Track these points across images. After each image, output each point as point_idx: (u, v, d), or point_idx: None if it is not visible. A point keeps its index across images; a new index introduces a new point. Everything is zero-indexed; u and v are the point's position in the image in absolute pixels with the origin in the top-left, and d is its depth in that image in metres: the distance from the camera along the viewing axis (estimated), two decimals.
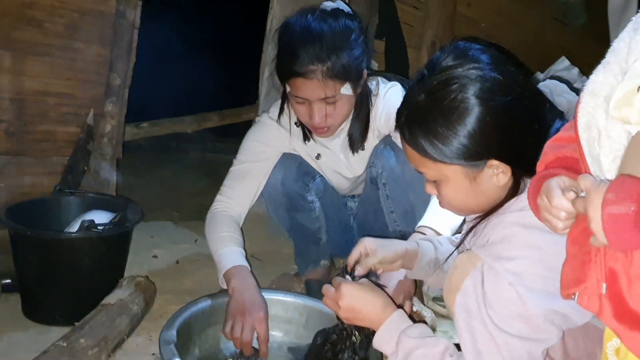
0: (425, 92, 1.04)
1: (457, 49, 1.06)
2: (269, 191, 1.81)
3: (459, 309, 1.04)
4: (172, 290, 1.87)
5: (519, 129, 1.03)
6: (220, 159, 3.43)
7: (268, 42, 2.32)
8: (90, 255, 1.67)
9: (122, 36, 2.17)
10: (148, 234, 2.29)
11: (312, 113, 1.62)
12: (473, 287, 1.03)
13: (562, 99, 1.19)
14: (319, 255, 1.92)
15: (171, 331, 1.36)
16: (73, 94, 2.16)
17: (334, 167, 1.86)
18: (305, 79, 1.56)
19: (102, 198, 1.98)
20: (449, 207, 1.15)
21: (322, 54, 1.54)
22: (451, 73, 1.02)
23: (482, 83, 1.00)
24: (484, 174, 1.05)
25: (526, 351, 0.99)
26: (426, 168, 1.08)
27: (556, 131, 1.05)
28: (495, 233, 1.04)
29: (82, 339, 1.38)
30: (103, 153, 2.23)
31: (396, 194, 1.73)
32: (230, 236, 1.66)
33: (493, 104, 1.00)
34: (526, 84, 1.07)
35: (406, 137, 1.07)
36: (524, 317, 0.98)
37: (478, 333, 1.01)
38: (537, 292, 0.98)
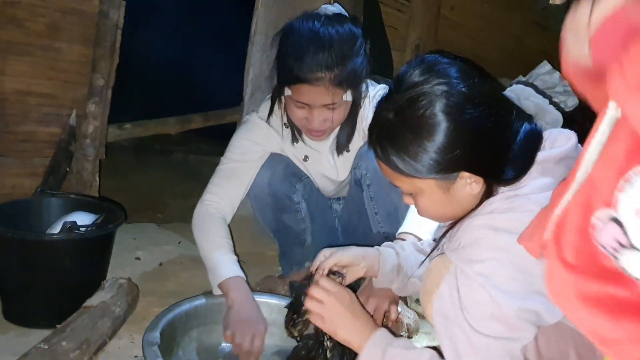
0: (394, 110, 1.05)
1: (424, 64, 1.07)
2: (255, 191, 1.81)
3: (436, 314, 1.06)
4: (155, 292, 1.86)
5: (488, 141, 1.05)
6: (204, 161, 3.43)
7: (253, 44, 2.32)
8: (72, 257, 1.65)
9: (105, 36, 2.16)
10: (131, 235, 2.27)
11: (311, 118, 1.62)
12: (449, 292, 1.04)
13: (529, 103, 1.21)
14: (304, 257, 1.92)
15: (154, 333, 1.35)
16: (55, 94, 2.15)
17: (321, 169, 1.86)
18: (311, 86, 1.55)
19: (85, 199, 1.96)
20: (426, 216, 1.17)
21: (330, 62, 1.53)
22: (419, 90, 1.03)
23: (450, 98, 1.02)
24: (457, 185, 1.07)
25: (505, 351, 1.00)
26: (401, 182, 1.10)
27: (524, 135, 1.07)
28: (465, 237, 1.06)
29: (63, 342, 1.36)
30: (85, 154, 2.22)
31: (380, 195, 1.74)
32: (225, 242, 1.66)
33: (461, 119, 1.02)
34: (493, 94, 1.08)
35: (379, 154, 1.09)
36: (498, 318, 1.00)
37: (457, 338, 1.02)
38: (508, 293, 0.99)
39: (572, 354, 1.08)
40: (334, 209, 2.01)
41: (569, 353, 1.08)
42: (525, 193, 1.04)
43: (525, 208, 1.01)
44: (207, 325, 1.55)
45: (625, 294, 0.72)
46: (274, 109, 1.77)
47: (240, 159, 1.77)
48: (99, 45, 2.17)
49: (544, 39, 3.58)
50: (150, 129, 2.80)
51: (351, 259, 1.33)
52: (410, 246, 1.41)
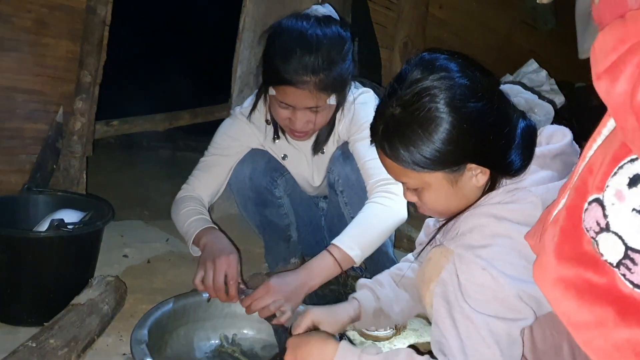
0: (400, 106, 1.06)
1: (424, 61, 1.09)
2: (237, 186, 1.82)
3: (437, 297, 1.07)
4: (143, 289, 1.85)
5: (494, 131, 1.07)
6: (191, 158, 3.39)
7: (241, 41, 2.32)
8: (59, 254, 1.64)
9: (92, 32, 2.15)
10: (119, 233, 2.26)
11: (294, 119, 1.62)
12: (450, 279, 1.06)
13: (520, 99, 1.23)
14: (290, 253, 1.93)
15: (143, 331, 1.35)
16: (42, 91, 2.13)
17: (299, 170, 1.87)
18: (295, 88, 1.55)
19: (72, 197, 1.95)
20: (430, 212, 1.17)
21: (316, 66, 1.53)
22: (423, 84, 1.05)
23: (454, 91, 1.04)
24: (464, 177, 1.09)
25: (505, 331, 1.02)
26: (408, 178, 1.11)
27: (522, 131, 1.09)
28: (465, 225, 1.07)
29: (51, 339, 1.36)
30: (73, 151, 2.21)
31: (354, 200, 1.75)
32: (193, 210, 1.69)
33: (466, 111, 1.04)
34: (493, 88, 1.10)
35: (386, 150, 1.09)
36: (500, 299, 1.01)
37: (457, 321, 1.04)
38: (509, 275, 1.01)
39: (565, 347, 1.10)
40: (320, 206, 2.02)
41: (562, 346, 1.10)
42: (526, 186, 1.06)
43: (526, 200, 1.03)
44: (195, 323, 1.55)
45: (601, 281, 0.73)
46: (257, 105, 1.78)
47: (218, 154, 1.79)
48: (86, 42, 2.15)
49: (532, 37, 3.61)
50: (138, 125, 2.79)
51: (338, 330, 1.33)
52: (387, 279, 1.41)
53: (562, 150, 1.11)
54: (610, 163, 0.74)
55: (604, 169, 0.75)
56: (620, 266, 0.72)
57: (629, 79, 0.64)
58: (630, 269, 0.71)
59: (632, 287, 0.71)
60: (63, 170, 2.22)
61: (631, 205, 0.71)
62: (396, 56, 2.92)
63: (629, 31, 0.66)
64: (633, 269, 0.70)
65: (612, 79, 0.67)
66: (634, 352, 0.71)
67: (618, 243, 0.72)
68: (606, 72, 0.67)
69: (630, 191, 0.71)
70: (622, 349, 0.72)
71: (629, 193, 0.71)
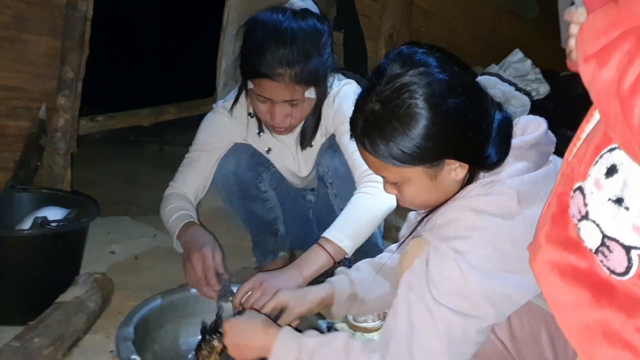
0: (380, 102, 1.06)
1: (403, 55, 1.09)
2: (222, 181, 1.81)
3: (402, 284, 1.08)
4: (130, 286, 1.84)
5: (472, 126, 1.07)
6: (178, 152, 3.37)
7: (225, 34, 2.30)
8: (44, 252, 1.63)
9: (73, 28, 2.12)
10: (105, 229, 2.25)
11: (273, 113, 1.62)
12: (419, 267, 1.06)
13: (497, 91, 1.24)
14: (278, 247, 1.92)
15: (129, 328, 1.34)
16: (23, 87, 2.11)
17: (284, 163, 1.86)
18: (271, 81, 1.55)
19: (56, 194, 1.93)
20: (410, 205, 1.18)
21: (291, 59, 1.53)
22: (402, 80, 1.05)
23: (433, 87, 1.03)
24: (443, 171, 1.09)
25: (461, 327, 1.02)
26: (388, 172, 1.11)
27: (499, 124, 1.10)
28: (442, 217, 1.08)
29: (36, 339, 1.35)
30: (56, 148, 2.19)
31: (343, 192, 1.74)
32: (176, 206, 1.70)
33: (445, 107, 1.04)
34: (472, 83, 1.11)
35: (366, 146, 1.09)
36: (464, 294, 1.01)
37: (414, 307, 1.04)
38: (480, 271, 1.01)
39: (543, 333, 1.11)
40: (308, 199, 2.02)
41: (540, 333, 1.11)
42: (501, 178, 1.06)
43: (502, 192, 1.04)
44: (183, 319, 1.54)
45: (582, 265, 0.76)
46: (239, 99, 1.77)
47: (202, 149, 1.79)
48: (67, 37, 2.13)
49: (517, 27, 3.61)
50: (123, 120, 2.76)
51: (308, 311, 1.34)
52: (366, 266, 1.41)
53: (537, 141, 1.11)
54: (593, 152, 0.76)
55: (588, 157, 0.76)
56: (598, 253, 0.74)
57: (618, 64, 0.64)
58: (607, 255, 0.73)
59: (608, 272, 0.73)
60: (47, 168, 2.20)
61: (607, 194, 0.72)
62: (382, 47, 2.90)
63: (622, 16, 0.66)
64: (609, 256, 0.73)
65: (600, 64, 0.66)
66: (603, 332, 0.74)
67: (596, 231, 0.74)
68: (595, 56, 0.67)
69: (607, 181, 0.72)
70: (593, 328, 0.75)
71: (605, 183, 0.72)
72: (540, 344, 1.12)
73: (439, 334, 1.02)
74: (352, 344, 1.10)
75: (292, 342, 1.14)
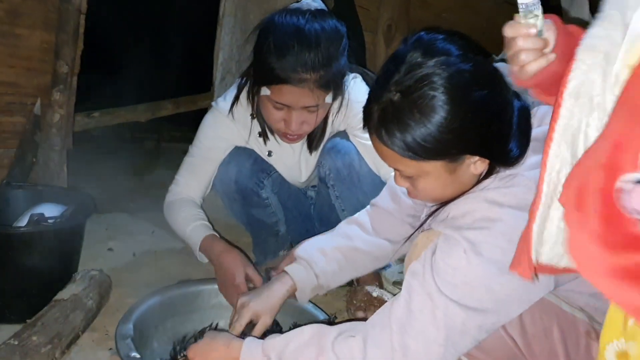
0: (400, 92, 1.00)
1: (423, 42, 1.03)
2: (222, 188, 1.78)
3: (408, 273, 1.06)
4: (129, 283, 1.82)
5: (496, 120, 1.03)
6: (176, 148, 3.37)
7: (221, 26, 2.28)
8: (40, 250, 1.61)
9: (67, 21, 2.09)
10: (103, 226, 2.23)
11: (289, 120, 1.55)
12: (426, 256, 1.04)
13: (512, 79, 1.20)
14: (278, 246, 1.90)
15: (127, 325, 1.33)
16: (17, 83, 2.08)
17: (284, 168, 1.83)
18: (294, 87, 1.48)
19: (52, 190, 1.91)
20: (422, 198, 1.14)
21: (317, 63, 1.46)
22: (423, 71, 0.99)
23: (458, 78, 0.98)
24: (463, 165, 1.05)
25: (461, 319, 0.99)
26: (404, 166, 1.06)
27: (518, 115, 1.06)
28: (456, 209, 1.05)
29: (34, 337, 1.33)
30: (52, 144, 2.16)
31: (345, 194, 1.71)
32: (190, 215, 1.68)
33: (470, 100, 0.99)
34: (494, 71, 1.05)
35: (382, 137, 1.03)
36: (469, 286, 0.99)
37: (415, 292, 1.02)
38: (490, 264, 0.98)
39: (555, 330, 1.09)
40: (309, 196, 1.99)
41: (552, 329, 1.09)
42: (519, 171, 1.03)
43: (520, 184, 1.01)
44: (182, 315, 1.52)
45: None
46: (239, 99, 1.71)
47: (203, 154, 1.76)
48: (61, 31, 2.10)
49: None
50: (120, 116, 2.74)
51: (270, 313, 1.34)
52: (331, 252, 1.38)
53: None
54: None
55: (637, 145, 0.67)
56: None
57: None
58: None
59: None
60: (42, 164, 2.17)
61: None
62: (380, 39, 2.89)
63: None
64: None
65: None
66: None
67: None
68: None
69: None
70: None
71: None
72: (552, 340, 1.10)
73: (437, 322, 0.99)
74: (324, 332, 1.06)
75: (256, 348, 1.10)
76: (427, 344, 1.00)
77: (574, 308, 1.10)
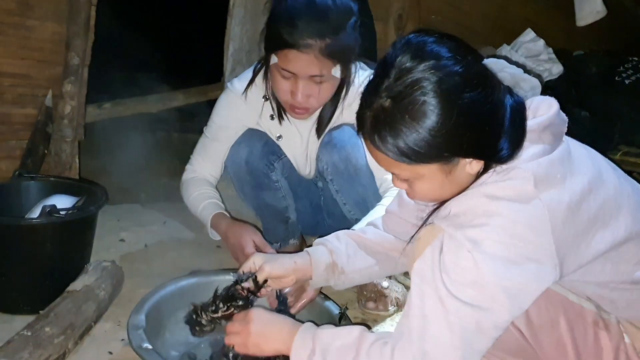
0: (390, 98, 1.00)
1: (412, 45, 1.02)
2: (234, 169, 1.79)
3: (414, 274, 1.05)
4: (141, 274, 1.83)
5: (488, 121, 1.02)
6: (187, 139, 3.37)
7: (232, 17, 2.27)
8: (53, 241, 1.62)
9: (78, 13, 2.09)
10: (115, 217, 2.24)
11: (296, 90, 1.56)
12: (431, 255, 1.03)
13: (505, 74, 1.19)
14: (288, 234, 1.90)
15: (140, 316, 1.33)
16: (29, 74, 2.08)
17: (293, 152, 1.83)
18: (299, 52, 1.50)
19: (64, 182, 1.91)
20: (421, 199, 1.14)
21: (323, 30, 1.48)
22: (414, 76, 0.98)
23: (447, 82, 0.97)
24: (458, 166, 1.04)
25: (475, 320, 0.99)
26: (400, 170, 1.06)
27: (511, 110, 1.04)
28: (457, 205, 1.04)
29: (47, 327, 1.34)
30: (63, 135, 2.17)
31: (344, 188, 1.72)
32: (203, 193, 1.78)
33: (461, 102, 0.98)
34: (485, 71, 1.04)
35: (376, 143, 1.03)
36: (479, 285, 0.98)
37: (427, 297, 1.01)
38: (496, 260, 0.97)
39: (562, 320, 1.08)
40: (320, 187, 1.99)
41: (558, 320, 1.08)
42: (516, 165, 1.02)
43: (516, 176, 1.00)
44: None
45: None
46: (254, 80, 1.73)
47: (216, 134, 1.81)
48: (72, 23, 2.10)
49: (528, 7, 3.55)
50: (130, 107, 2.75)
51: (281, 272, 1.30)
52: (345, 237, 1.37)
53: (550, 122, 1.07)
54: None
55: None
56: None
57: None
58: None
59: None
60: (54, 155, 2.18)
61: None
62: (391, 29, 2.86)
63: None
64: None
65: None
66: None
67: None
68: None
69: None
70: None
71: None
72: (559, 331, 1.09)
73: (452, 327, 0.99)
74: (365, 337, 1.07)
75: (309, 336, 1.11)
76: (444, 349, 0.99)
77: (581, 298, 1.09)
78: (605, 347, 1.08)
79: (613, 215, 1.06)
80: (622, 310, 1.10)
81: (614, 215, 1.06)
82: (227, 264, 1.79)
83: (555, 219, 0.98)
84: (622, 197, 1.09)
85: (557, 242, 0.98)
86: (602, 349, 1.09)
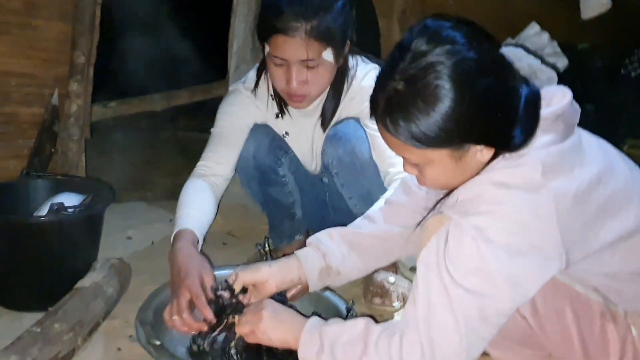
0: (404, 80, 1.00)
1: (428, 30, 1.02)
2: (241, 164, 1.79)
3: (419, 263, 1.05)
4: (147, 271, 1.84)
5: (501, 108, 1.02)
6: (192, 137, 3.39)
7: (235, 15, 2.27)
8: (61, 239, 1.63)
9: (84, 12, 2.11)
10: (122, 215, 2.25)
11: (290, 77, 1.56)
12: (436, 243, 1.03)
13: (523, 64, 1.19)
14: (294, 230, 1.91)
15: (147, 312, 1.34)
16: (35, 74, 2.10)
17: (300, 148, 1.83)
18: (286, 37, 1.50)
19: (71, 180, 1.93)
20: (430, 186, 1.14)
21: (307, 12, 1.48)
22: (428, 59, 0.98)
23: (462, 67, 0.97)
24: (469, 153, 1.04)
25: (478, 308, 0.99)
26: (410, 154, 1.06)
27: (525, 99, 1.05)
28: (465, 192, 1.04)
29: (56, 324, 1.35)
30: (70, 134, 2.18)
31: (349, 182, 1.71)
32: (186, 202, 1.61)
33: (475, 88, 0.98)
34: (501, 58, 1.04)
35: (388, 126, 1.03)
36: (481, 272, 0.99)
37: (433, 285, 1.02)
38: (500, 248, 0.98)
39: (568, 311, 1.09)
40: (325, 182, 1.99)
41: (564, 310, 1.09)
42: (526, 153, 1.02)
43: (525, 163, 1.01)
44: None
45: None
46: (260, 79, 1.74)
47: (227, 132, 1.75)
48: (78, 22, 2.11)
49: (531, 1, 3.53)
50: (136, 106, 2.76)
51: (255, 278, 1.29)
52: (336, 235, 1.36)
53: (563, 111, 1.07)
54: None
55: None
56: None
57: None
58: None
59: None
60: (61, 154, 2.20)
61: None
62: (395, 24, 2.85)
63: None
64: None
65: None
66: None
67: None
68: None
69: None
70: None
71: None
72: (565, 321, 1.10)
73: (456, 315, 0.99)
74: (372, 329, 1.08)
75: (316, 332, 1.11)
76: (449, 336, 1.00)
77: (588, 289, 1.09)
78: (612, 339, 1.09)
79: (622, 206, 1.06)
80: (630, 301, 1.10)
81: (623, 207, 1.06)
82: (233, 261, 1.80)
83: (562, 208, 0.98)
84: (633, 189, 1.09)
85: (563, 231, 0.99)
86: (609, 341, 1.09)
